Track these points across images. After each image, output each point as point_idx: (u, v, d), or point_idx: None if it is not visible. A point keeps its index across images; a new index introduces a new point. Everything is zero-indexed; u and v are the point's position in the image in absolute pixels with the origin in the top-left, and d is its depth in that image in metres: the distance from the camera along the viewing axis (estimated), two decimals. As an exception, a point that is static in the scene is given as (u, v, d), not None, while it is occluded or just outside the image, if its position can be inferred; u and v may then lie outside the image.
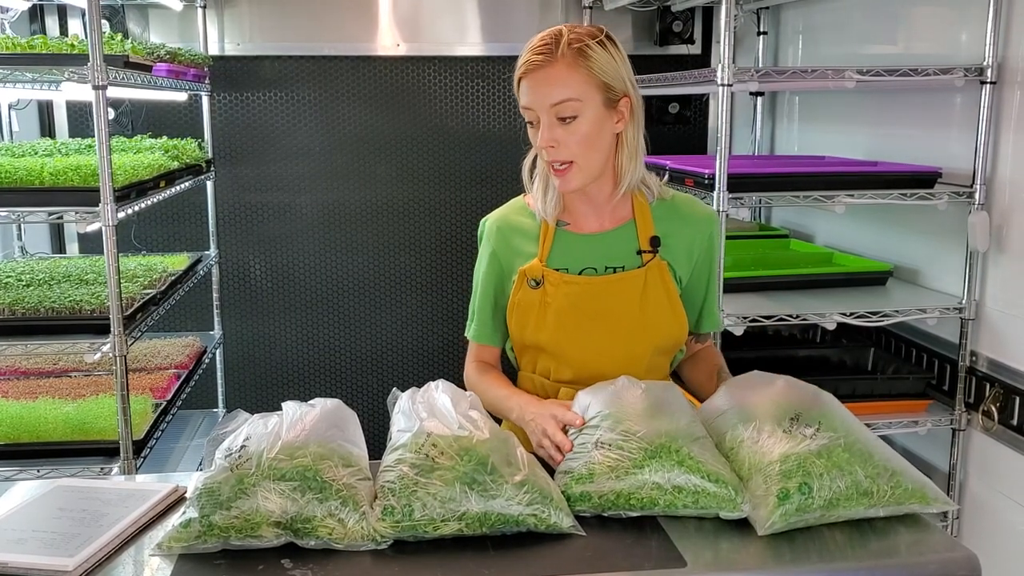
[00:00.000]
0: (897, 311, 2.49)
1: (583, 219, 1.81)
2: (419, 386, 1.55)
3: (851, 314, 2.47)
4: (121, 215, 2.30)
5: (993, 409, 2.41)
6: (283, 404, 1.46)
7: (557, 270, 1.78)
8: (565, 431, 1.56)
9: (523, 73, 1.70)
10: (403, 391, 1.54)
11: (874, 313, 2.47)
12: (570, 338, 1.76)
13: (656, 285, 1.77)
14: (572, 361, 1.78)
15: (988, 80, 2.37)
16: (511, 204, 1.88)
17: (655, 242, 1.78)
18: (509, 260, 1.82)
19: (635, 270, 1.77)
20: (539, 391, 1.82)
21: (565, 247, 1.80)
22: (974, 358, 2.49)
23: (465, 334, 1.92)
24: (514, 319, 1.81)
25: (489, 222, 1.87)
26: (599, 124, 1.70)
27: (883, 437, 2.64)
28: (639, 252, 1.78)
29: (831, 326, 2.49)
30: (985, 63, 2.37)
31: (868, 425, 2.43)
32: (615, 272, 1.78)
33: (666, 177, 1.88)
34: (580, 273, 1.78)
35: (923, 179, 2.50)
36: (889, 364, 2.69)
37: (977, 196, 2.41)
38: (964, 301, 2.48)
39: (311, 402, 1.46)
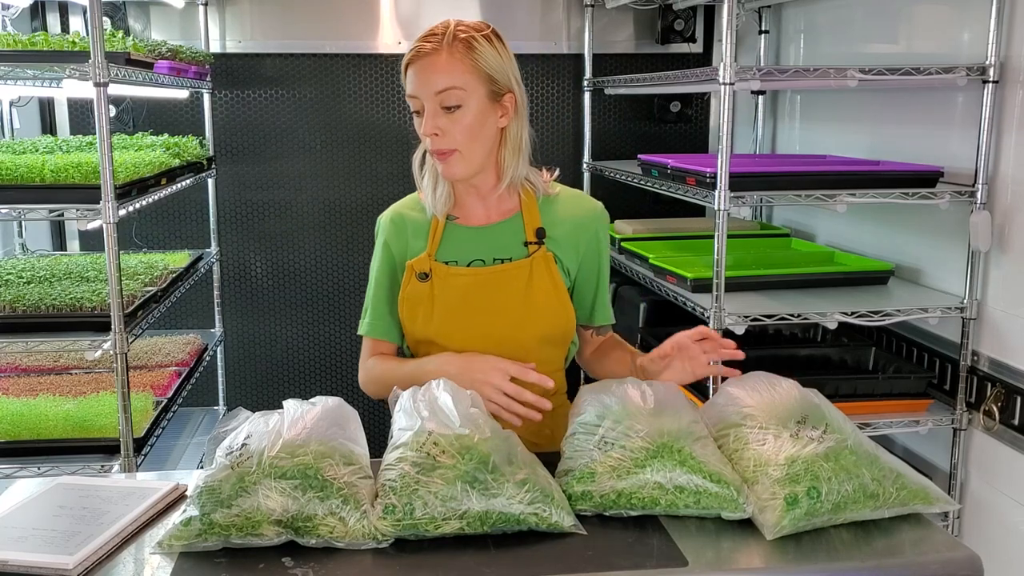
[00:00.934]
0: (898, 310, 2.48)
1: (471, 212, 1.85)
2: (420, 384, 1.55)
3: (852, 313, 2.46)
4: (122, 212, 2.30)
5: (994, 409, 2.41)
6: (284, 402, 1.46)
7: (446, 263, 1.81)
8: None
9: (410, 60, 1.74)
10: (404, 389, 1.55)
11: (875, 312, 2.47)
12: (459, 330, 1.79)
13: (542, 275, 1.81)
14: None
15: (990, 79, 2.36)
16: (406, 199, 1.92)
17: (540, 233, 1.83)
18: (402, 254, 1.85)
19: (521, 260, 1.81)
20: None
21: (454, 240, 1.84)
22: (975, 358, 2.49)
23: (358, 331, 1.90)
24: (405, 313, 1.84)
25: (383, 217, 1.90)
26: (483, 116, 1.74)
27: (884, 436, 2.65)
28: (525, 244, 1.83)
29: (832, 325, 2.49)
30: (987, 62, 2.36)
31: (869, 424, 2.46)
32: (502, 263, 1.82)
33: (556, 174, 1.92)
34: (469, 265, 1.82)
35: (925, 178, 2.50)
36: (890, 363, 2.69)
37: (979, 195, 2.41)
38: (966, 301, 2.48)
39: (312, 400, 1.46)
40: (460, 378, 1.63)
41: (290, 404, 1.44)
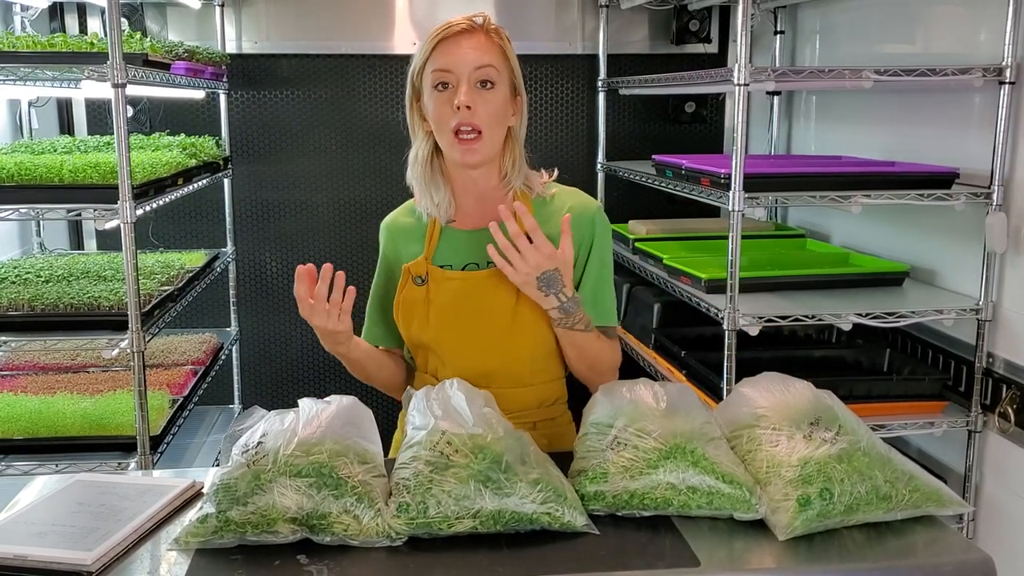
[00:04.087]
0: (913, 312, 2.47)
1: (468, 215, 1.84)
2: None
3: (867, 315, 2.46)
4: (139, 212, 2.32)
5: (1010, 411, 2.40)
6: (299, 401, 1.47)
7: (442, 267, 1.81)
8: None
9: (444, 36, 1.74)
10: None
11: (890, 314, 2.46)
12: (453, 334, 1.77)
13: None
14: (455, 359, 1.79)
15: (1007, 80, 2.35)
16: (403, 206, 1.94)
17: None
18: (396, 260, 1.87)
19: None
20: None
21: (450, 244, 1.83)
22: (991, 359, 2.48)
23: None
24: (400, 317, 1.84)
25: (382, 225, 1.93)
26: (506, 104, 1.76)
27: (898, 438, 2.65)
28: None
29: (847, 326, 2.48)
30: (1004, 63, 2.35)
31: (883, 426, 2.45)
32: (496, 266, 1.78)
33: (555, 174, 1.90)
34: (464, 269, 1.81)
35: (940, 179, 2.49)
36: (905, 365, 2.68)
37: (995, 197, 2.40)
38: (981, 302, 2.47)
39: (327, 399, 1.47)
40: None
41: (305, 403, 1.46)
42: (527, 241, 1.65)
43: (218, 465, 1.45)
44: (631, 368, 3.10)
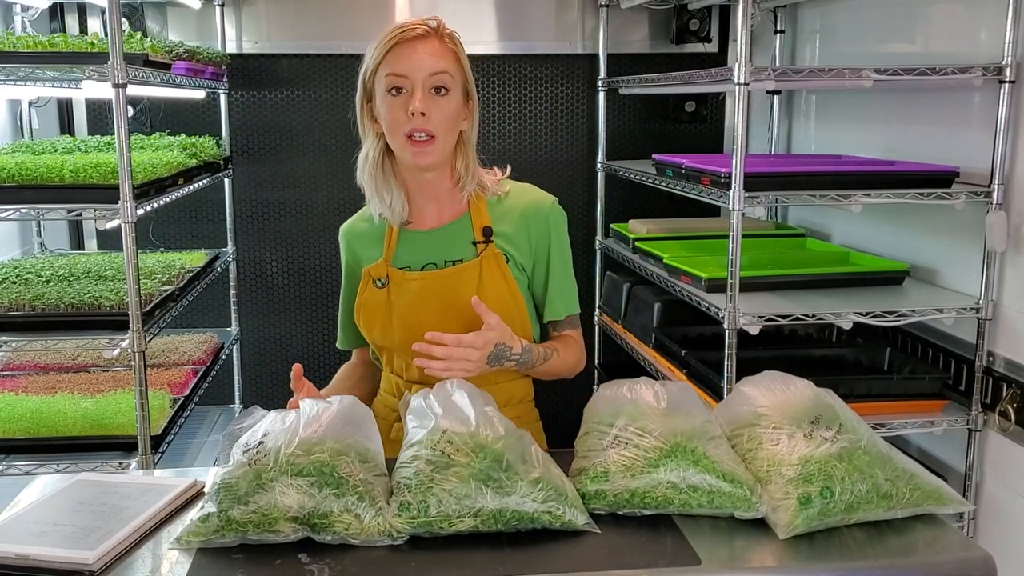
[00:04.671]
0: (913, 311, 2.48)
1: (424, 216, 1.86)
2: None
3: (867, 314, 2.46)
4: (140, 212, 2.32)
5: (1010, 410, 2.40)
6: (300, 401, 1.47)
7: (402, 269, 1.82)
8: None
9: (398, 40, 1.73)
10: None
11: (890, 313, 2.46)
12: (415, 336, 1.75)
13: (493, 274, 1.80)
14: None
15: (1007, 79, 2.35)
16: (361, 211, 1.95)
17: (487, 232, 1.82)
18: (357, 266, 1.89)
19: (471, 261, 1.81)
20: (395, 390, 1.88)
21: (408, 246, 1.85)
22: (991, 358, 2.48)
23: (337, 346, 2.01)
24: (362, 320, 1.85)
25: (340, 232, 1.95)
26: (459, 109, 1.77)
27: (899, 437, 2.65)
28: (474, 243, 1.82)
29: (847, 326, 2.48)
30: (1004, 62, 2.35)
31: (883, 425, 2.46)
32: (454, 265, 1.81)
33: (508, 171, 1.93)
34: (422, 269, 1.82)
35: (940, 178, 2.49)
36: (905, 364, 2.68)
37: (995, 196, 2.40)
38: (981, 301, 2.47)
39: (328, 399, 1.47)
40: None
41: (306, 403, 1.46)
42: (459, 352, 1.68)
43: (217, 465, 1.45)
44: (631, 367, 3.10)
